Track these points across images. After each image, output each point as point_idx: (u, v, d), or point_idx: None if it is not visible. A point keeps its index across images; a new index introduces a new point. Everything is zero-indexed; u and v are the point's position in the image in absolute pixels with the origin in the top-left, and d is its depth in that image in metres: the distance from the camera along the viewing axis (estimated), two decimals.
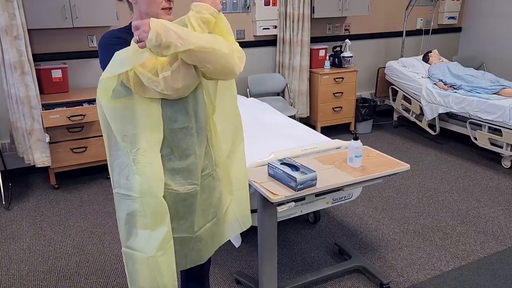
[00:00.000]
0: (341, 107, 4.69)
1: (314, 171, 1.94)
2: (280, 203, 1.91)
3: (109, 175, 3.63)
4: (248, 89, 4.45)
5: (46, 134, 3.31)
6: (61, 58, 3.72)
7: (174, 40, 1.24)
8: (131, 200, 1.45)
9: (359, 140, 2.14)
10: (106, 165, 3.66)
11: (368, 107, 4.76)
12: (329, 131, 4.74)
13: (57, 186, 3.55)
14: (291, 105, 4.56)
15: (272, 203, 1.89)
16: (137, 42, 1.26)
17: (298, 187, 1.89)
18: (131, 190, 1.44)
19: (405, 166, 2.17)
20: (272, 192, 1.89)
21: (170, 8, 1.49)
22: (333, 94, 4.60)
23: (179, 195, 1.52)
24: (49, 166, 3.42)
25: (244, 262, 2.54)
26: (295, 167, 1.98)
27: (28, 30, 3.25)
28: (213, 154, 1.65)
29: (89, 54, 3.83)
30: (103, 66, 1.40)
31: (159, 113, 1.42)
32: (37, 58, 3.55)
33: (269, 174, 2.05)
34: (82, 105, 3.43)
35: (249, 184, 2.06)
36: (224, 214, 1.75)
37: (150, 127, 1.42)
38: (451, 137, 4.61)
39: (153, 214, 1.44)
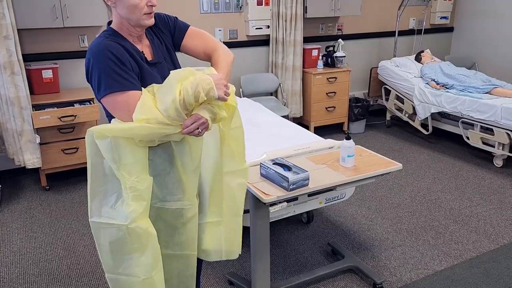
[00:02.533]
0: (334, 107, 4.69)
1: (307, 171, 1.93)
2: (273, 204, 1.90)
3: None
4: (241, 89, 4.44)
5: (37, 135, 3.27)
6: (52, 58, 3.69)
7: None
8: (115, 229, 1.40)
9: (351, 140, 2.13)
10: None
11: (361, 107, 4.77)
12: (322, 130, 4.74)
13: (48, 187, 3.52)
14: (284, 105, 4.55)
15: (265, 203, 1.87)
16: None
17: (291, 187, 1.88)
18: (115, 218, 1.39)
19: (398, 166, 2.17)
20: (264, 193, 1.88)
21: (152, 12, 1.46)
22: (326, 94, 4.60)
23: (176, 211, 1.52)
24: (40, 167, 3.38)
25: (236, 263, 2.52)
26: (287, 167, 1.97)
27: (18, 30, 3.21)
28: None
29: (80, 54, 3.80)
30: (93, 80, 1.37)
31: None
32: (28, 58, 3.51)
33: (261, 174, 2.04)
34: (73, 106, 3.40)
35: None
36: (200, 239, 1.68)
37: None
38: (443, 136, 4.63)
39: (142, 238, 1.41)
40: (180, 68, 1.57)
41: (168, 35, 1.62)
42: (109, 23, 1.51)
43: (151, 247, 1.44)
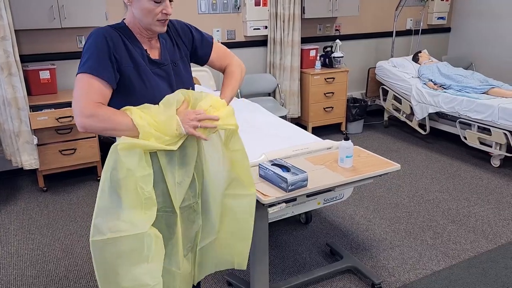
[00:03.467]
0: (332, 107, 4.70)
1: (305, 172, 1.93)
2: (271, 204, 1.90)
3: (98, 176, 3.63)
4: (239, 90, 4.43)
5: (34, 136, 3.26)
6: (49, 59, 3.68)
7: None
8: (130, 239, 1.37)
9: (349, 140, 2.13)
10: (95, 167, 3.66)
11: (359, 107, 4.77)
12: (320, 131, 4.74)
13: (45, 188, 3.51)
14: (282, 105, 4.55)
15: (263, 204, 1.87)
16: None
17: (289, 188, 1.88)
18: (128, 230, 1.36)
19: (396, 166, 2.17)
20: (263, 193, 1.88)
21: (166, 20, 1.46)
22: (324, 94, 4.61)
23: (172, 217, 1.50)
24: (37, 168, 3.37)
25: None
26: (286, 168, 1.97)
27: (15, 30, 3.20)
28: (198, 185, 1.58)
29: (78, 55, 3.77)
30: (87, 63, 1.36)
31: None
32: (25, 59, 3.50)
33: (260, 175, 2.04)
34: (71, 107, 3.38)
35: None
36: (204, 249, 1.67)
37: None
38: (441, 136, 4.64)
39: (153, 243, 1.40)
40: (188, 76, 1.59)
41: (188, 45, 1.62)
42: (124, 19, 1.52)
43: (160, 251, 1.43)
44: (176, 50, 1.58)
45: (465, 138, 4.07)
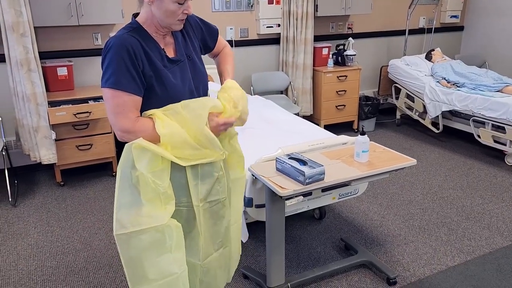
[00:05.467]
0: (344, 105, 4.71)
1: (322, 165, 1.95)
2: (289, 197, 1.92)
3: (114, 172, 3.69)
4: (251, 87, 4.46)
5: (52, 131, 3.32)
6: (66, 56, 3.74)
7: None
8: (151, 232, 1.40)
9: (366, 135, 2.15)
10: (110, 163, 3.72)
11: (371, 105, 4.78)
12: (332, 129, 4.73)
13: (62, 183, 3.57)
14: (295, 103, 4.57)
15: (281, 197, 1.90)
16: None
17: (307, 181, 1.90)
18: (148, 223, 1.40)
19: (412, 161, 2.18)
20: (280, 186, 1.90)
21: (184, 19, 1.49)
22: (336, 92, 4.62)
23: (190, 211, 1.53)
24: (55, 163, 3.43)
25: (251, 257, 2.55)
26: (303, 162, 1.99)
27: (34, 27, 3.26)
28: (227, 181, 1.63)
29: (94, 52, 3.85)
30: (103, 67, 1.39)
31: None
32: (43, 56, 3.57)
33: (277, 169, 2.06)
34: (88, 102, 3.44)
35: (257, 178, 2.08)
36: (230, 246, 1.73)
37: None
38: (454, 135, 4.62)
39: (174, 232, 1.44)
40: (203, 69, 1.61)
41: (198, 37, 1.65)
42: (135, 15, 1.51)
43: (180, 239, 1.46)
44: (189, 43, 1.60)
45: (478, 136, 4.06)
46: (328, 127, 4.67)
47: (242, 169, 1.72)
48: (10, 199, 3.29)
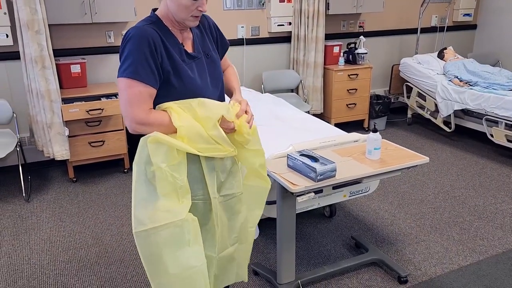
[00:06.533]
0: (355, 104, 4.69)
1: (334, 162, 1.95)
2: (300, 194, 1.92)
3: (125, 168, 3.72)
4: (262, 85, 4.47)
5: (66, 128, 3.36)
6: (80, 53, 3.78)
7: None
8: (171, 228, 1.41)
9: (378, 133, 2.14)
10: (122, 160, 3.75)
11: (382, 104, 4.75)
12: (343, 127, 4.70)
13: (75, 179, 3.61)
14: (305, 102, 4.56)
15: (292, 193, 1.90)
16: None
17: (318, 177, 1.90)
18: (167, 218, 1.40)
19: (424, 159, 2.17)
20: (291, 183, 1.90)
21: (199, 16, 1.48)
22: (347, 90, 4.60)
23: (206, 204, 1.54)
24: (68, 159, 3.48)
25: (261, 254, 2.56)
26: (314, 159, 1.99)
27: (49, 25, 3.30)
28: (241, 177, 1.63)
29: (107, 50, 3.89)
30: (122, 56, 1.40)
31: None
32: (57, 53, 3.61)
33: (288, 165, 2.07)
34: (100, 100, 3.48)
35: (268, 175, 2.08)
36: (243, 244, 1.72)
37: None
38: (466, 134, 4.58)
39: (191, 226, 1.44)
40: (219, 69, 1.63)
41: (214, 41, 1.66)
42: (154, 10, 1.53)
43: (198, 232, 1.47)
44: (207, 41, 1.61)
45: (491, 135, 4.01)
46: (338, 126, 4.63)
47: (267, 180, 1.69)
48: (23, 195, 3.34)
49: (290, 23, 4.50)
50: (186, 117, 1.42)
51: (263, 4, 4.40)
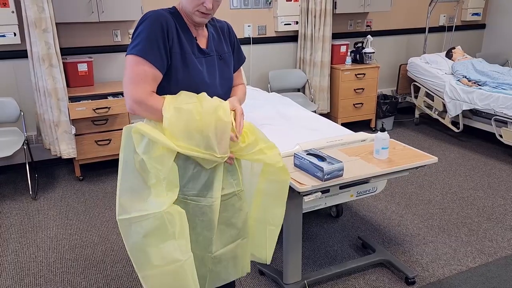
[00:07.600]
0: (362, 104, 4.66)
1: (341, 162, 1.93)
2: (307, 193, 1.91)
3: None
4: (269, 85, 4.45)
5: (72, 126, 3.37)
6: (87, 52, 3.79)
7: None
8: (151, 219, 1.40)
9: (386, 132, 2.12)
10: None
11: (390, 103, 4.71)
12: (350, 127, 4.68)
13: (81, 177, 3.62)
14: (312, 101, 4.54)
15: (299, 192, 1.89)
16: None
17: (325, 177, 1.88)
18: (148, 209, 1.40)
19: (433, 159, 2.14)
20: (298, 182, 1.89)
21: (207, 14, 1.46)
22: (354, 90, 4.57)
23: (198, 206, 1.51)
24: (75, 157, 3.48)
25: None
26: (321, 158, 1.97)
27: (56, 24, 3.31)
28: (240, 174, 1.61)
29: (114, 49, 3.89)
30: (134, 34, 1.40)
31: None
32: (64, 51, 3.62)
33: (295, 165, 2.05)
34: (107, 98, 3.48)
35: None
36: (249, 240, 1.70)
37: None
38: (474, 134, 4.53)
39: (176, 219, 1.43)
40: (230, 73, 1.61)
41: (230, 45, 1.65)
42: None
43: (184, 226, 1.45)
44: (224, 44, 1.60)
45: (500, 136, 3.97)
46: (345, 125, 4.60)
47: (286, 171, 1.65)
48: (30, 193, 3.35)
49: (297, 22, 4.48)
50: (178, 109, 1.38)
51: (270, 3, 4.39)
